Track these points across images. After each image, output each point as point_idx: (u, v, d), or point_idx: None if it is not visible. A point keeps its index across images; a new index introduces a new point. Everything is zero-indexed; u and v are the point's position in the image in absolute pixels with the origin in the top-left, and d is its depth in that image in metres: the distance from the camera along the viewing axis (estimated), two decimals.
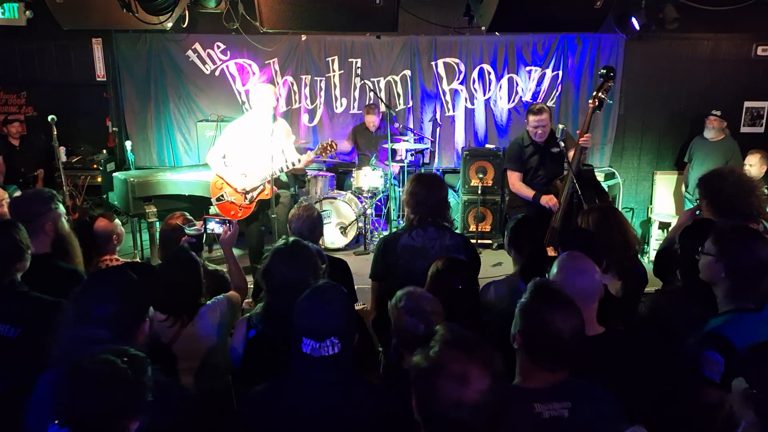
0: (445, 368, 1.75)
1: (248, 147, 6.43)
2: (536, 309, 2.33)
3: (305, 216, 4.25)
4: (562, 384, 2.29)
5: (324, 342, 2.30)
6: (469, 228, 8.37)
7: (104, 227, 4.15)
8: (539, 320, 2.29)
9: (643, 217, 9.26)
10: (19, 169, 8.35)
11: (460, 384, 1.71)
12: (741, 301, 2.81)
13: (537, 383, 2.30)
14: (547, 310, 2.29)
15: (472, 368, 1.73)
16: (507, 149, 6.58)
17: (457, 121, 9.20)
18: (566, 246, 3.49)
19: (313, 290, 2.49)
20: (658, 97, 8.93)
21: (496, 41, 8.81)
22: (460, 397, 1.70)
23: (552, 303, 2.32)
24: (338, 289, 2.51)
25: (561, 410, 2.21)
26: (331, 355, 2.32)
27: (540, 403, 2.23)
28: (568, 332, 2.25)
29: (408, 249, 3.99)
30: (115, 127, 9.28)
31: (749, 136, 8.68)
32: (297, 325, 2.38)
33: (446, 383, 1.72)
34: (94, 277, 2.61)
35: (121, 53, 9.03)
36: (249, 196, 6.50)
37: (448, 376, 1.73)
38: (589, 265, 2.83)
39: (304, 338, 2.32)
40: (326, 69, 9.06)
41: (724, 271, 2.84)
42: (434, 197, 4.05)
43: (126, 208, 7.19)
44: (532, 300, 2.37)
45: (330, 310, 2.38)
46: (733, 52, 8.73)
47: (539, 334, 2.29)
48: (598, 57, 8.79)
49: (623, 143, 9.15)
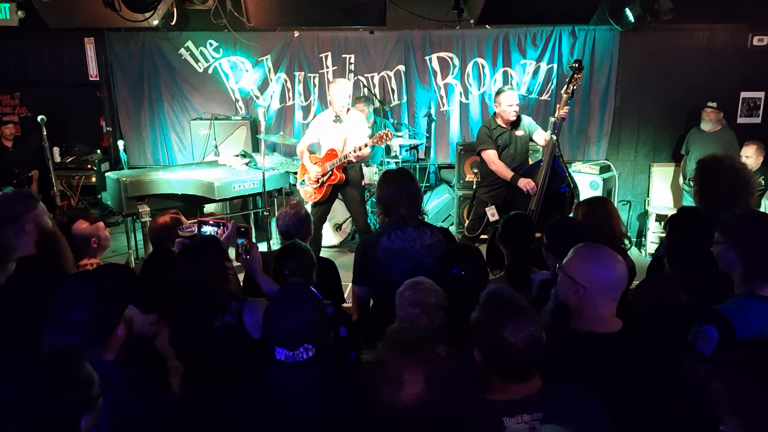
0: (382, 368, 1.72)
1: (323, 137, 6.99)
2: (487, 323, 2.25)
3: (292, 214, 4.21)
4: (534, 394, 2.21)
5: (297, 350, 2.27)
6: (464, 223, 8.32)
7: (82, 230, 4.00)
8: (490, 334, 2.21)
9: (640, 210, 9.19)
10: (13, 170, 8.35)
11: (393, 386, 1.67)
12: (758, 287, 2.76)
13: (506, 395, 2.22)
14: (498, 323, 2.20)
15: (407, 371, 1.69)
16: (477, 135, 6.69)
17: (451, 115, 9.14)
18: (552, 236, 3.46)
19: (281, 295, 2.45)
20: (654, 89, 8.84)
21: (490, 35, 8.74)
22: (394, 400, 1.66)
23: (501, 315, 2.22)
24: (306, 291, 2.47)
25: (532, 422, 2.12)
26: (305, 360, 2.28)
27: (509, 416, 2.14)
28: (522, 343, 2.16)
29: (387, 251, 3.89)
30: (109, 126, 9.28)
31: (746, 127, 8.59)
32: (268, 333, 2.34)
33: (382, 383, 1.69)
34: (67, 282, 2.54)
35: (114, 52, 9.02)
36: (320, 181, 6.88)
37: (384, 376, 1.70)
38: (614, 255, 2.69)
39: (276, 347, 2.29)
40: (320, 65, 9.01)
41: (737, 257, 2.79)
42: (398, 194, 3.92)
43: (119, 207, 7.16)
44: (482, 313, 2.29)
45: (300, 317, 2.32)
46: (729, 42, 8.63)
47: (493, 348, 2.21)
48: (593, 50, 8.71)
49: (619, 136, 9.07)
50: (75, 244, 3.90)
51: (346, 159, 6.62)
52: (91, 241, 4.04)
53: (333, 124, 6.83)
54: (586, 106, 8.90)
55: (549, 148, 6.08)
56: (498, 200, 6.45)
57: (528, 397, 2.20)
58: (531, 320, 2.22)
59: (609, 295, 2.59)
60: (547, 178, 6.05)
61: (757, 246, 2.75)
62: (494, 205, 6.40)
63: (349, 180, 6.88)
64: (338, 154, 6.63)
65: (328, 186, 6.82)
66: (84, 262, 3.97)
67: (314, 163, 6.90)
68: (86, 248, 4.02)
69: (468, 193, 8.21)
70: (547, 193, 6.06)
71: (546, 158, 6.09)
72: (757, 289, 2.75)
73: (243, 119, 8.86)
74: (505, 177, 6.32)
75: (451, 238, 4.10)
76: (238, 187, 7.00)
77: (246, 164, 7.58)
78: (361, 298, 4.03)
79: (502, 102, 6.33)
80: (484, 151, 6.48)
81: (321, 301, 2.48)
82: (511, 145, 6.46)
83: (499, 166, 6.38)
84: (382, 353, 1.76)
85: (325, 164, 6.77)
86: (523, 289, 3.39)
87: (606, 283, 2.58)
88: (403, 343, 1.79)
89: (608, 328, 2.60)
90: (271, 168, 7.30)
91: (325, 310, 2.49)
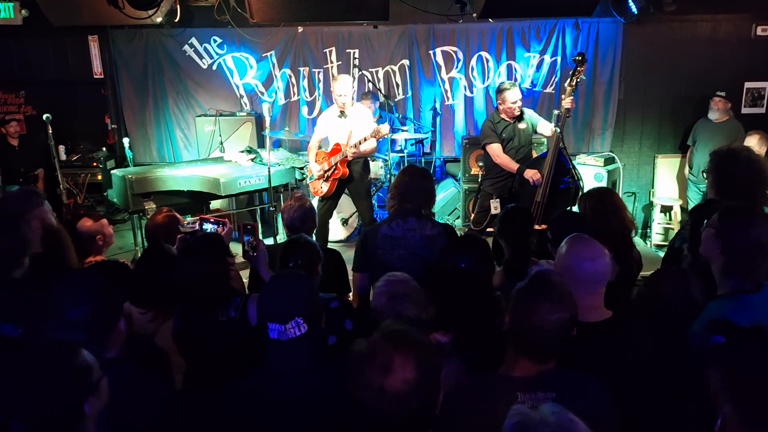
0: (371, 356, 1.76)
1: (330, 133, 6.98)
2: (525, 295, 2.32)
3: (297, 207, 4.23)
4: (547, 374, 2.27)
5: (289, 323, 2.29)
6: (470, 216, 8.32)
7: (87, 227, 4.04)
8: (525, 307, 2.28)
9: (645, 201, 9.20)
10: (19, 168, 8.36)
11: (383, 372, 1.71)
12: (737, 281, 2.77)
13: (521, 372, 2.28)
14: (535, 299, 2.27)
15: (396, 357, 1.73)
16: (481, 129, 6.77)
17: (456, 109, 9.14)
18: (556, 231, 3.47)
19: (273, 278, 2.51)
20: (658, 80, 8.83)
21: (494, 28, 8.72)
22: (383, 385, 1.69)
23: (542, 292, 2.29)
24: (298, 274, 2.52)
25: (545, 400, 2.17)
26: (298, 336, 2.30)
27: (523, 392, 2.21)
28: (552, 324, 2.22)
29: (387, 238, 3.98)
30: (114, 124, 9.29)
31: (750, 117, 8.57)
32: (261, 313, 2.37)
33: (371, 370, 1.73)
34: (66, 279, 2.56)
35: (118, 50, 9.03)
36: (326, 175, 6.89)
37: (373, 363, 1.73)
38: (598, 249, 2.77)
39: (269, 324, 2.31)
40: (324, 60, 9.01)
41: (719, 248, 2.80)
42: (415, 187, 4.02)
43: (125, 205, 7.18)
44: (526, 285, 2.35)
45: (290, 292, 2.38)
46: (732, 32, 8.61)
47: (523, 321, 2.28)
48: (597, 42, 8.70)
49: (624, 128, 9.07)
50: (80, 242, 3.94)
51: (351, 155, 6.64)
52: (96, 239, 4.08)
53: (338, 119, 6.85)
54: (590, 98, 8.90)
55: (554, 140, 6.11)
56: (503, 192, 6.48)
57: (543, 376, 2.26)
58: (567, 307, 2.28)
59: (589, 286, 2.67)
60: (552, 170, 6.07)
61: (742, 242, 2.74)
62: (500, 197, 6.42)
63: (354, 175, 6.89)
64: (342, 149, 6.66)
65: (333, 181, 6.84)
66: (90, 260, 3.98)
67: (321, 158, 6.93)
68: (91, 245, 4.05)
69: (473, 186, 8.20)
70: (552, 185, 6.08)
71: (551, 150, 6.12)
72: (741, 283, 2.76)
73: (248, 115, 8.86)
74: (510, 170, 6.37)
75: (452, 233, 4.13)
76: (243, 182, 7.00)
77: (251, 160, 7.58)
78: (362, 287, 4.09)
79: (506, 99, 6.39)
80: (489, 145, 6.52)
81: (313, 284, 2.54)
82: (515, 138, 6.51)
83: (504, 159, 6.42)
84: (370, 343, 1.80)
85: (330, 159, 6.79)
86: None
87: (583, 275, 2.66)
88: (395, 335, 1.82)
89: (593, 318, 2.65)
90: (277, 163, 7.30)
91: (316, 292, 2.54)
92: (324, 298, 3.25)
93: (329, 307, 3.31)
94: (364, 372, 1.74)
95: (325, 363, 2.41)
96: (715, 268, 2.85)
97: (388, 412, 1.71)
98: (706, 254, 2.91)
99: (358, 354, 1.80)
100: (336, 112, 6.88)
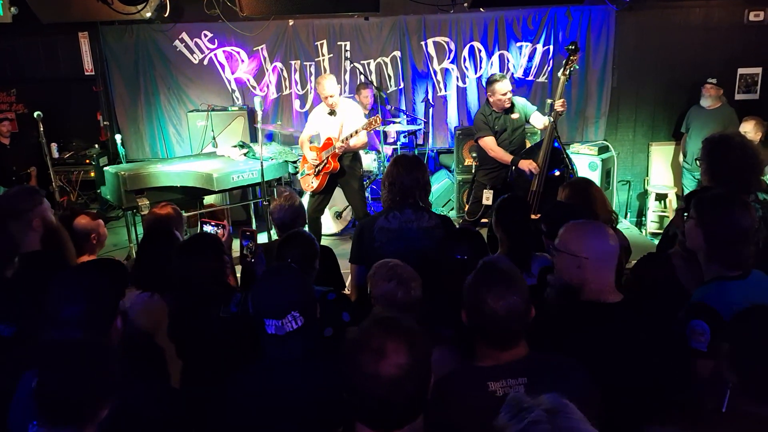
0: (365, 342, 1.77)
1: (321, 129, 7.01)
2: (474, 286, 2.31)
3: (287, 206, 4.23)
4: (519, 360, 2.26)
5: (285, 318, 2.29)
6: (464, 208, 8.31)
7: (83, 225, 4.02)
8: (475, 297, 2.28)
9: (639, 190, 9.20)
10: (11, 167, 8.30)
11: (377, 357, 1.72)
12: (724, 268, 2.79)
13: (491, 361, 2.28)
14: (483, 289, 2.26)
15: (390, 343, 1.74)
16: (474, 122, 6.77)
17: (449, 100, 9.12)
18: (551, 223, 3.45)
19: (266, 273, 2.53)
20: (652, 67, 8.80)
21: (485, 17, 8.67)
22: (377, 370, 1.70)
23: (487, 282, 2.28)
24: (291, 268, 2.53)
25: (516, 386, 2.18)
26: (295, 329, 2.31)
27: (493, 381, 2.20)
28: (502, 310, 2.21)
29: (384, 231, 3.96)
30: (106, 121, 9.25)
31: (744, 104, 8.57)
32: (256, 308, 2.37)
33: (365, 356, 1.74)
34: (60, 277, 2.54)
35: (109, 46, 8.99)
36: (317, 170, 6.91)
37: (367, 349, 1.74)
38: (606, 228, 2.79)
39: (266, 320, 2.31)
40: (315, 53, 8.97)
41: (702, 237, 2.82)
42: (409, 178, 3.98)
43: (118, 201, 7.15)
44: (473, 278, 2.35)
45: (285, 286, 2.37)
46: (725, 18, 8.58)
47: (475, 311, 2.28)
48: (589, 30, 8.66)
49: (617, 116, 9.05)
50: (75, 239, 3.90)
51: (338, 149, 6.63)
52: (90, 237, 4.05)
53: (328, 117, 6.85)
54: (583, 86, 8.87)
55: (548, 129, 6.12)
56: (497, 183, 6.47)
57: (513, 363, 2.25)
58: (516, 291, 2.26)
59: (610, 264, 2.68)
60: (548, 159, 6.07)
61: (722, 230, 2.76)
62: (494, 188, 6.41)
63: (346, 169, 6.87)
64: (333, 143, 6.65)
65: (324, 175, 6.83)
66: (83, 259, 3.96)
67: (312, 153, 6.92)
68: (85, 244, 4.02)
69: (467, 177, 8.19)
70: (548, 174, 6.08)
71: (546, 139, 6.11)
72: (724, 271, 2.78)
73: (240, 110, 8.83)
74: (505, 162, 6.35)
75: (450, 225, 4.11)
76: (236, 177, 6.98)
77: (244, 154, 7.57)
78: (360, 279, 4.06)
79: (496, 91, 6.35)
80: (482, 139, 6.50)
81: (306, 278, 2.57)
82: (508, 129, 6.49)
83: (498, 152, 6.41)
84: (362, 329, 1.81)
85: (322, 153, 6.78)
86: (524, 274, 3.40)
87: (606, 252, 2.66)
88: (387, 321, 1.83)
89: (614, 299, 2.66)
90: (270, 158, 7.28)
91: (310, 285, 2.54)
92: (321, 291, 3.26)
93: (326, 299, 3.31)
94: (358, 358, 1.74)
95: (323, 355, 2.41)
96: (701, 256, 2.90)
97: (385, 397, 1.71)
98: (692, 246, 2.96)
99: (351, 341, 1.80)
100: (326, 109, 6.87)
